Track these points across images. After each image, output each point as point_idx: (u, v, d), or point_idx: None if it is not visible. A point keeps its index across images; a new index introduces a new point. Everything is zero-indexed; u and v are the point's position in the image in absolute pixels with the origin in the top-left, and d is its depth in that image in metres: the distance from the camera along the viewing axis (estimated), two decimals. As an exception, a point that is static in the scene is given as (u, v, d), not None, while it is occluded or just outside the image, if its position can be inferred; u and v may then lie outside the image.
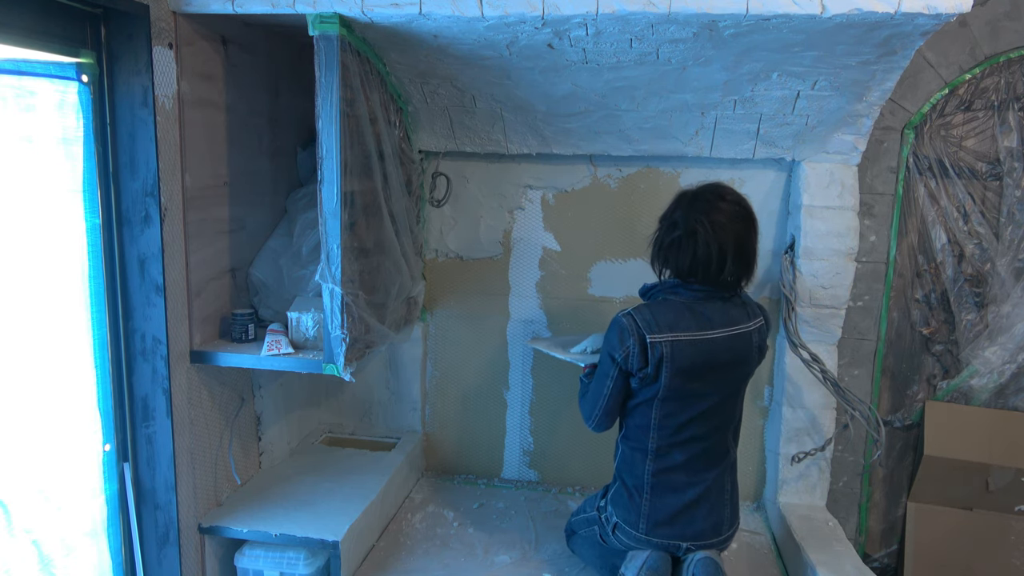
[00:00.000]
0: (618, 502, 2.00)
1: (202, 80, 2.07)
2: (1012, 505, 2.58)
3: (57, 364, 1.79)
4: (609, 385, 1.94)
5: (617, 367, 1.90)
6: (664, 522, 1.93)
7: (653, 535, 1.94)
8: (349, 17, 1.87)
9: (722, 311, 1.89)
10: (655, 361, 1.83)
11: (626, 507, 1.97)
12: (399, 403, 2.98)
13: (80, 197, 1.83)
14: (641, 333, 1.84)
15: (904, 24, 1.71)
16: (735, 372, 1.93)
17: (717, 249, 1.83)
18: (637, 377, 1.88)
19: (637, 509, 1.95)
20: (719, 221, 1.83)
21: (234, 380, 2.34)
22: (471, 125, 2.57)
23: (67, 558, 1.83)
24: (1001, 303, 2.52)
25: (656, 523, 1.93)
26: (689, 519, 1.93)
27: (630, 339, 1.85)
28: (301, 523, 2.22)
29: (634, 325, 1.85)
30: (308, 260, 2.34)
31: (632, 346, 1.85)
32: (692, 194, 1.91)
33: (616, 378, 1.92)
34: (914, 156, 2.53)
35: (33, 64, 1.67)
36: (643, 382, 1.88)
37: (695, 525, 1.94)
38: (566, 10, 1.76)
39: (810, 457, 2.58)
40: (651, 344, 1.83)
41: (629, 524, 1.96)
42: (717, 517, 1.96)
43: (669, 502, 1.93)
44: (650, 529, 1.93)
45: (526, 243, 2.80)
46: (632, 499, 1.96)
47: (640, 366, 1.85)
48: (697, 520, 1.94)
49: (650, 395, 1.89)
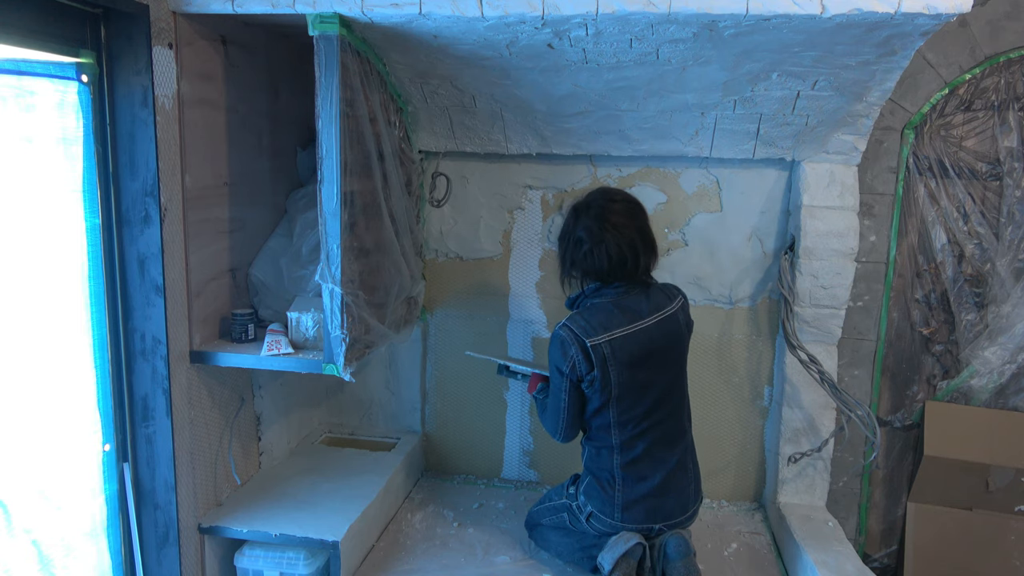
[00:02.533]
0: (592, 494, 2.11)
1: (202, 80, 2.07)
2: (1012, 505, 2.58)
3: (57, 364, 1.79)
4: (564, 399, 2.05)
5: (567, 379, 2.01)
6: (636, 508, 2.06)
7: (628, 521, 2.07)
8: (349, 17, 1.87)
9: (645, 300, 2.03)
10: (599, 363, 1.95)
11: (600, 498, 2.09)
12: (399, 403, 2.98)
13: (80, 197, 1.83)
14: (581, 340, 1.95)
15: (904, 24, 1.71)
16: (672, 354, 2.05)
17: (628, 246, 1.98)
18: (586, 381, 1.99)
19: (611, 500, 2.07)
20: (619, 222, 1.98)
21: (234, 380, 2.34)
22: (471, 125, 2.57)
23: (67, 558, 1.83)
24: (1001, 303, 2.52)
25: (629, 510, 2.06)
26: (659, 503, 2.07)
27: (572, 348, 1.96)
28: (301, 523, 2.22)
29: (572, 335, 1.96)
30: (308, 260, 2.34)
31: (575, 354, 1.96)
32: (584, 205, 2.05)
33: (569, 390, 2.03)
34: (914, 156, 2.53)
35: (33, 64, 1.67)
36: (593, 386, 1.99)
37: (665, 507, 2.08)
38: (566, 10, 1.76)
39: (806, 457, 2.58)
40: (592, 348, 1.94)
41: (604, 513, 2.08)
42: (683, 497, 2.10)
43: (639, 489, 2.05)
44: (624, 516, 2.07)
45: (526, 243, 2.80)
46: (605, 491, 2.08)
47: (587, 370, 1.96)
48: (667, 503, 2.08)
49: (605, 397, 2.00)
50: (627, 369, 1.98)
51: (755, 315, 2.68)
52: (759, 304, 2.69)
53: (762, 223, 2.63)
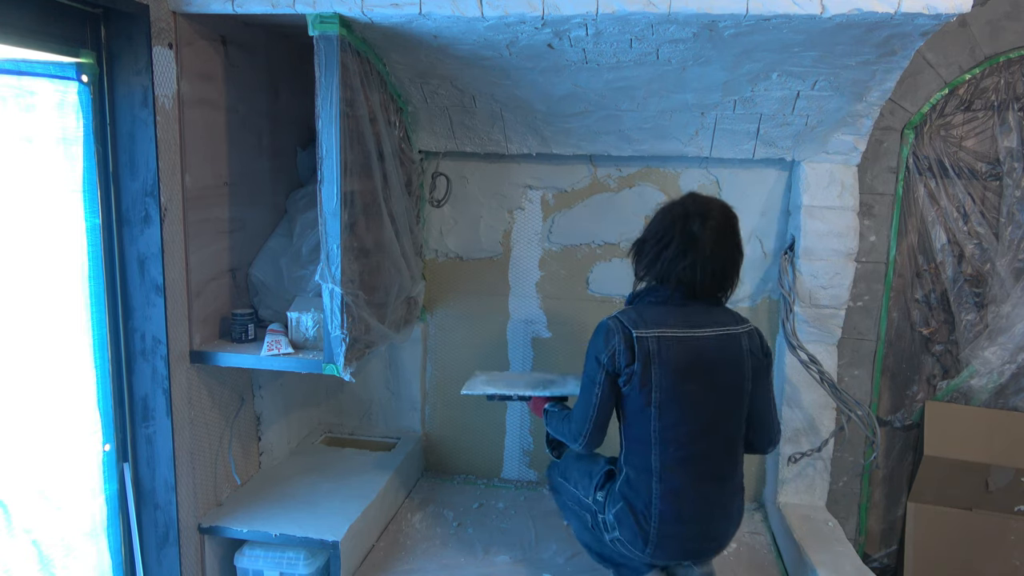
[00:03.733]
0: (623, 522, 1.87)
1: (202, 80, 2.07)
2: (1012, 505, 2.57)
3: (57, 364, 1.79)
4: (597, 392, 1.84)
5: (603, 370, 1.82)
6: (670, 545, 1.85)
7: (658, 557, 1.87)
8: (349, 17, 1.87)
9: (707, 313, 1.86)
10: (642, 357, 1.77)
11: (632, 530, 1.85)
12: (399, 403, 2.98)
13: (80, 197, 1.83)
14: (627, 330, 1.79)
15: (904, 24, 1.71)
16: (728, 377, 1.84)
17: (729, 263, 1.84)
18: (624, 375, 1.80)
19: (644, 536, 1.84)
20: (724, 240, 1.83)
21: (234, 380, 2.34)
22: (471, 125, 2.57)
23: (67, 558, 1.83)
24: (1001, 303, 2.52)
25: (662, 547, 1.84)
26: (696, 545, 1.87)
27: (615, 337, 1.79)
28: (301, 523, 2.22)
29: (619, 324, 1.81)
30: (308, 260, 2.34)
31: (618, 343, 1.79)
32: (695, 212, 1.85)
33: (603, 383, 1.83)
34: (914, 156, 2.53)
35: (33, 64, 1.67)
36: (632, 382, 1.79)
37: (701, 549, 1.89)
38: (566, 10, 1.76)
39: (806, 457, 2.58)
40: (637, 339, 1.77)
41: (634, 545, 1.87)
42: (722, 538, 1.91)
43: (678, 531, 1.83)
44: (656, 553, 1.85)
45: (526, 243, 2.80)
46: (639, 523, 1.84)
47: (627, 362, 1.78)
48: (705, 545, 1.89)
49: (645, 399, 1.80)
50: (673, 374, 1.78)
51: (755, 315, 2.68)
52: (759, 304, 2.69)
53: (762, 223, 2.63)
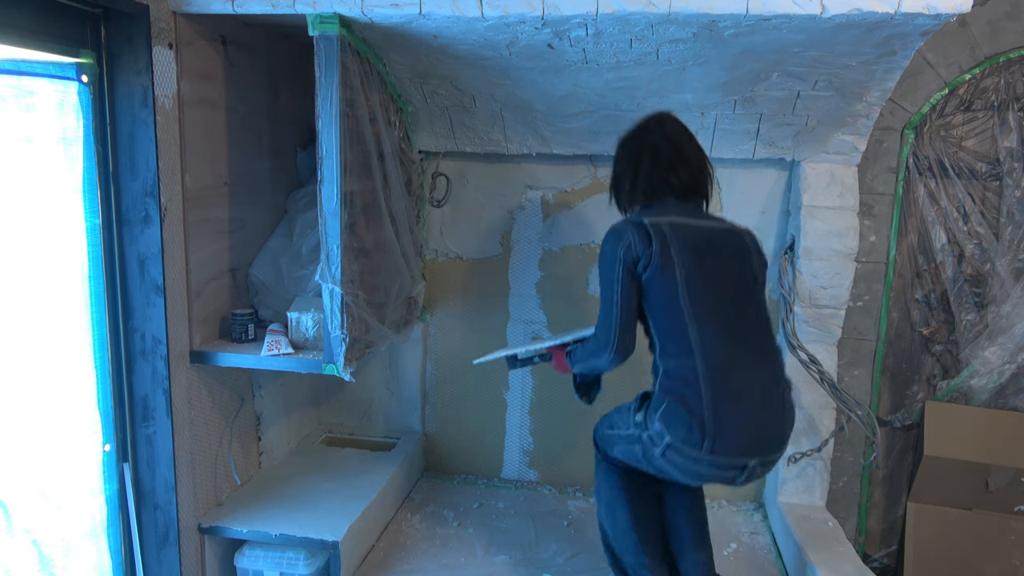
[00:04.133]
0: (672, 420, 1.70)
1: (202, 80, 2.07)
2: (1012, 505, 2.57)
3: (57, 364, 1.79)
4: (618, 290, 1.75)
5: (620, 265, 1.75)
6: (728, 435, 1.67)
7: (718, 453, 1.67)
8: (349, 17, 1.87)
9: (704, 214, 1.89)
10: (659, 237, 1.74)
11: (684, 423, 1.68)
12: (399, 403, 2.98)
13: (80, 197, 1.83)
14: (637, 222, 1.77)
15: (904, 24, 1.71)
16: (742, 261, 1.82)
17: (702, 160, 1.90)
18: (643, 261, 1.74)
19: (699, 422, 1.66)
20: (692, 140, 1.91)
21: (234, 380, 2.34)
22: (471, 125, 2.57)
23: (67, 558, 1.83)
24: (1001, 303, 2.52)
25: (720, 437, 1.66)
26: (755, 431, 1.71)
27: (627, 231, 1.77)
28: (301, 523, 2.22)
29: (627, 223, 1.79)
30: (308, 260, 2.34)
31: (631, 234, 1.75)
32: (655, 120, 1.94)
33: (623, 279, 1.75)
34: (914, 156, 2.53)
35: (33, 64, 1.67)
36: (652, 264, 1.73)
37: (761, 436, 1.72)
38: (566, 10, 1.76)
39: (806, 457, 2.58)
40: (650, 224, 1.76)
41: (689, 443, 1.68)
42: (779, 422, 1.76)
43: (730, 411, 1.68)
44: (715, 446, 1.66)
45: (526, 243, 2.80)
46: (691, 410, 1.67)
47: (644, 247, 1.73)
48: (764, 431, 1.72)
49: (670, 278, 1.72)
50: (692, 251, 1.74)
51: (755, 315, 2.68)
52: (759, 304, 2.69)
53: (762, 223, 2.63)
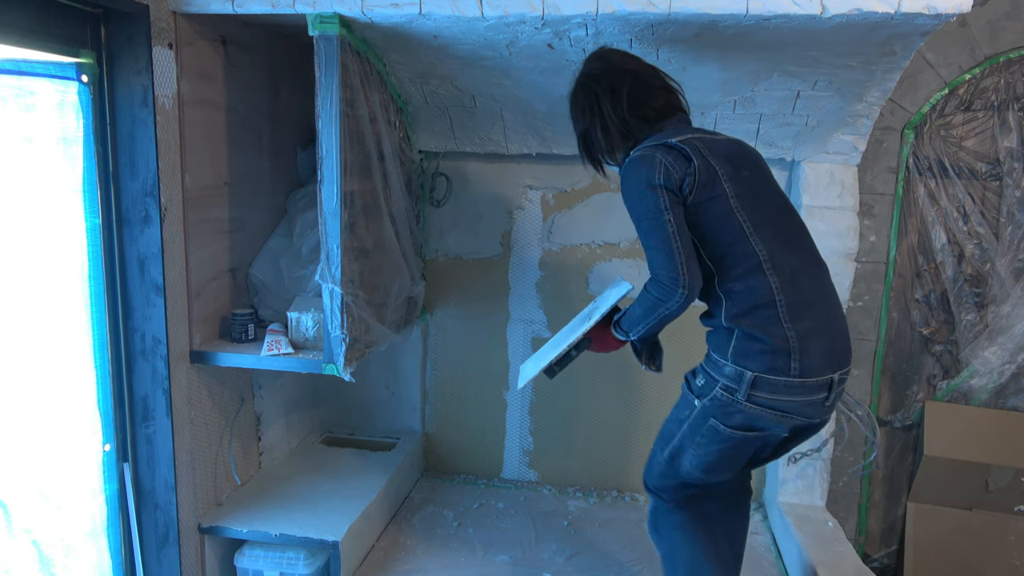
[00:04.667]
0: (749, 352, 1.59)
1: (202, 80, 2.07)
2: (1012, 505, 2.57)
3: (57, 364, 1.79)
4: (668, 218, 1.60)
5: (662, 191, 1.60)
6: (813, 349, 1.58)
7: (807, 373, 1.57)
8: (349, 17, 1.87)
9: (705, 130, 1.77)
10: (695, 153, 1.62)
11: (767, 347, 1.57)
12: (399, 403, 2.98)
13: (80, 197, 1.83)
14: (665, 143, 1.65)
15: (904, 24, 1.71)
16: (763, 169, 1.73)
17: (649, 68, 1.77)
18: (687, 180, 1.61)
19: (783, 340, 1.55)
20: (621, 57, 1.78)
21: (234, 380, 2.34)
22: (471, 125, 2.57)
23: (67, 558, 1.83)
24: (1001, 303, 2.52)
25: (807, 352, 1.57)
26: (831, 342, 1.63)
27: (657, 155, 1.62)
28: (301, 523, 2.22)
29: (650, 148, 1.66)
30: (308, 260, 2.34)
31: (663, 156, 1.62)
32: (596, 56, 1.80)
33: (669, 205, 1.60)
34: (914, 156, 2.53)
35: (33, 64, 1.67)
36: (697, 183, 1.61)
37: (837, 348, 1.64)
38: (566, 10, 1.76)
39: (806, 457, 2.58)
40: (680, 142, 1.64)
41: (777, 370, 1.57)
42: (845, 327, 1.69)
43: (810, 323, 1.59)
44: (804, 366, 1.57)
45: (526, 243, 2.80)
46: (771, 330, 1.57)
47: (685, 165, 1.61)
48: (838, 343, 1.65)
49: (719, 191, 1.62)
50: (728, 162, 1.64)
51: (755, 315, 2.68)
52: (759, 304, 2.68)
53: (762, 223, 2.63)
